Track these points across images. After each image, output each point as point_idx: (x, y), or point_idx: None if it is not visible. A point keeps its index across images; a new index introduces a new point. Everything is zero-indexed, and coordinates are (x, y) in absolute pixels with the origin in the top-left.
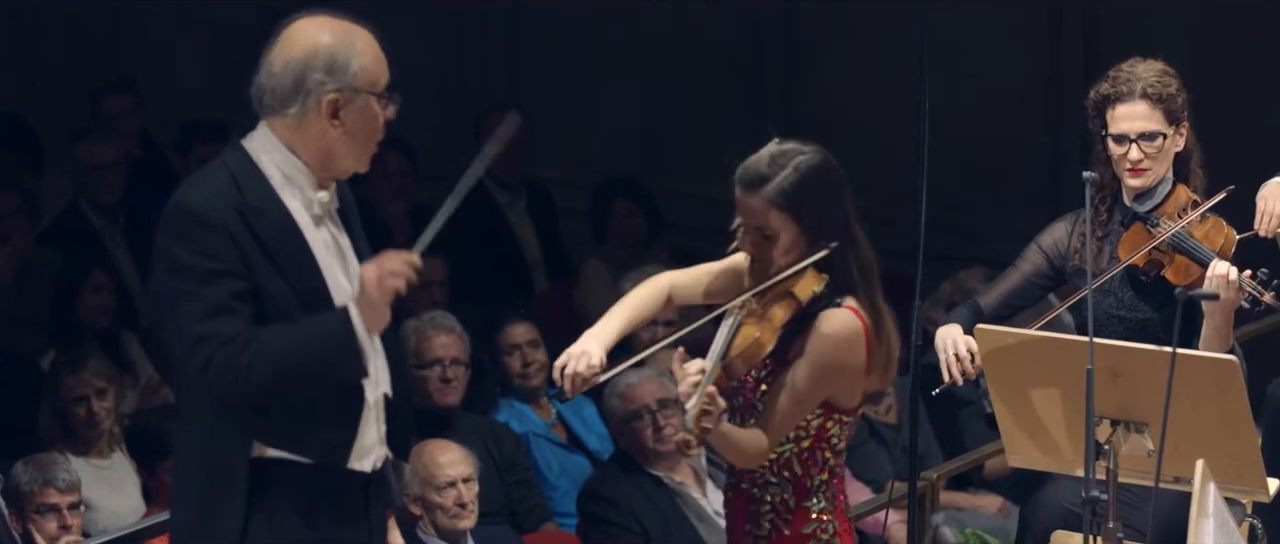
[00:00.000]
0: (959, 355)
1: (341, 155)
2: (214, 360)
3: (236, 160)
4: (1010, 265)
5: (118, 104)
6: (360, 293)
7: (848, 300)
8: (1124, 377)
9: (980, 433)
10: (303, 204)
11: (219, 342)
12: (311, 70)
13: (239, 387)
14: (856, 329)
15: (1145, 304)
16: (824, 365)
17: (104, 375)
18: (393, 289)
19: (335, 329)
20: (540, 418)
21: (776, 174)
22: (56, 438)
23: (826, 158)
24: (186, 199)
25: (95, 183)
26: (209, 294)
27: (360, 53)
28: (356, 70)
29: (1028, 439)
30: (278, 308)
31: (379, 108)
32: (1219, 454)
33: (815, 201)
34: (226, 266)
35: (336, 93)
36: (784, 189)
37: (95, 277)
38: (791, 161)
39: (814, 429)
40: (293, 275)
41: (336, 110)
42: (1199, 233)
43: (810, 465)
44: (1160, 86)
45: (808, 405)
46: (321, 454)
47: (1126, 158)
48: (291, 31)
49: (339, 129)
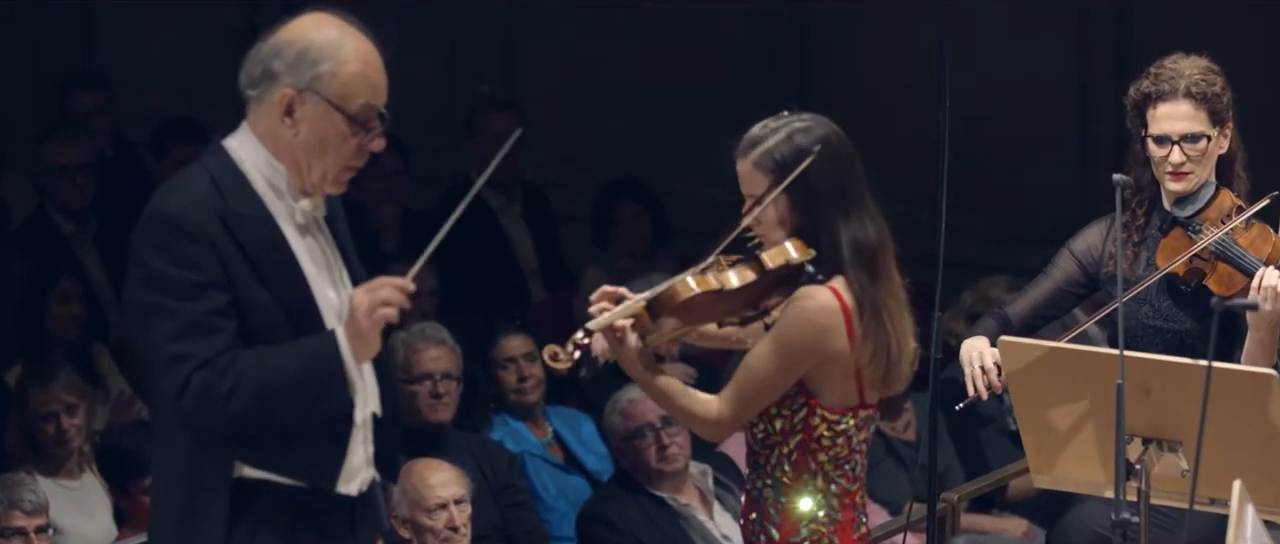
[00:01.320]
0: (984, 368)
1: (306, 164)
2: (190, 384)
3: (217, 163)
4: (1041, 272)
5: (88, 100)
6: (349, 320)
7: (836, 280)
8: (1156, 392)
9: (1004, 451)
10: (286, 212)
11: (196, 364)
12: (279, 59)
13: (216, 414)
14: (829, 308)
15: (1184, 314)
16: (785, 340)
17: (74, 391)
18: (384, 319)
19: (321, 357)
20: (536, 436)
21: (768, 138)
22: (23, 457)
23: (829, 129)
24: (164, 205)
25: (63, 185)
26: (186, 310)
27: (341, 61)
28: (323, 74)
29: (1054, 458)
30: (262, 320)
31: (345, 125)
32: (1257, 474)
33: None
34: (206, 279)
35: (292, 88)
36: (772, 153)
37: (63, 285)
38: (786, 127)
39: (798, 424)
40: (278, 286)
41: (290, 108)
42: (1244, 240)
43: (801, 469)
44: (1205, 85)
45: (771, 383)
46: (306, 476)
47: (1168, 160)
48: (299, 18)
49: (292, 130)
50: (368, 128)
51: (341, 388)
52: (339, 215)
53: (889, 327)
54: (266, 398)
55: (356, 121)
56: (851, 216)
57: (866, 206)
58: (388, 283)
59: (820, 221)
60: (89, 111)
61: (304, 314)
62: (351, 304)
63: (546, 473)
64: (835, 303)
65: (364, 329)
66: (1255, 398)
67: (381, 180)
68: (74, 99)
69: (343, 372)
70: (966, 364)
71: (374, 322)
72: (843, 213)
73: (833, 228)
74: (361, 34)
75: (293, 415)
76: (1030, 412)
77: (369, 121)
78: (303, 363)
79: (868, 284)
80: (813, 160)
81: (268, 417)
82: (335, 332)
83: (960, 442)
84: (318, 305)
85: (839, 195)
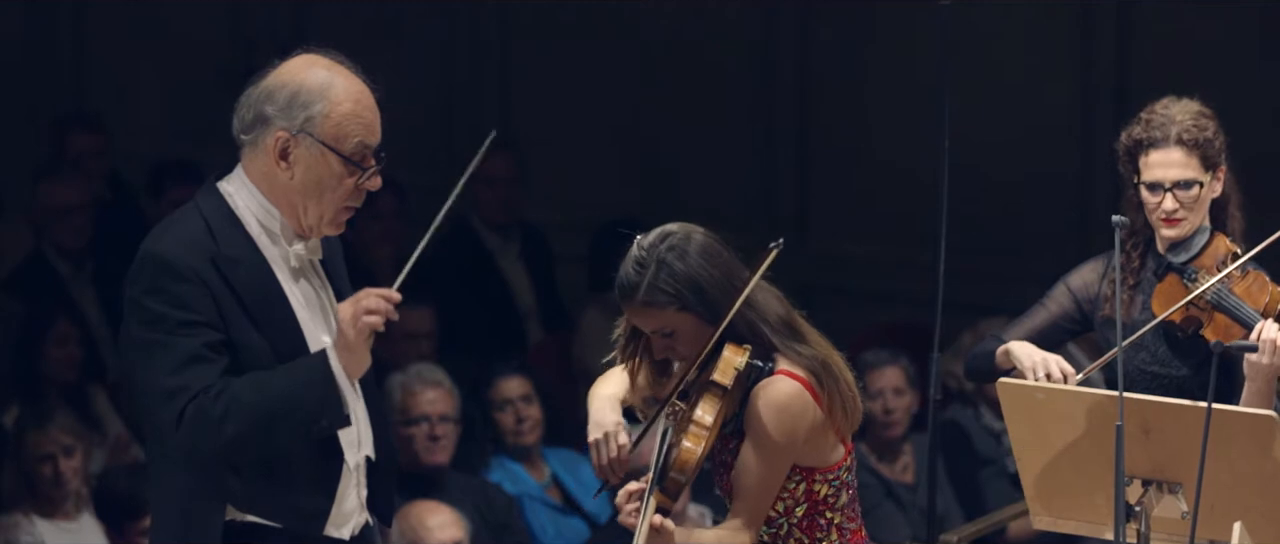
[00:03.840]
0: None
1: (303, 207)
2: (186, 414)
3: (210, 206)
4: (1036, 303)
5: (84, 142)
6: (338, 334)
7: (780, 363)
8: (1156, 433)
9: (1003, 493)
10: (280, 256)
11: (191, 395)
12: (271, 102)
13: (211, 440)
14: (794, 392)
15: (1181, 361)
16: (768, 440)
17: (70, 432)
18: (370, 327)
19: (313, 374)
20: (534, 479)
21: (644, 276)
22: (20, 499)
23: (688, 234)
24: (157, 247)
25: (60, 227)
26: (181, 344)
27: (334, 102)
28: (316, 116)
29: (1053, 500)
30: (254, 364)
31: (340, 166)
32: (1257, 516)
33: (690, 282)
34: (199, 317)
35: (285, 132)
36: (657, 286)
37: (60, 327)
38: (654, 257)
39: (801, 496)
40: (269, 332)
41: (285, 151)
42: (1240, 288)
43: (813, 531)
44: (1196, 131)
45: (774, 481)
46: (297, 521)
47: (1161, 207)
48: (288, 61)
49: (287, 173)
50: (363, 167)
51: (336, 404)
52: (336, 256)
53: (838, 374)
54: (261, 420)
55: (351, 162)
56: (750, 299)
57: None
58: (372, 292)
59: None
60: (85, 153)
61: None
62: (338, 318)
63: (545, 515)
64: (795, 384)
65: (351, 341)
66: (1255, 440)
67: (378, 221)
68: (70, 140)
69: (335, 388)
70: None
71: (360, 330)
72: (745, 301)
73: (747, 319)
74: (352, 73)
75: (289, 436)
76: (1029, 453)
77: (364, 161)
78: (294, 382)
79: (802, 348)
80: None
81: (263, 439)
82: (326, 349)
83: (959, 483)
84: (309, 351)
85: (732, 288)
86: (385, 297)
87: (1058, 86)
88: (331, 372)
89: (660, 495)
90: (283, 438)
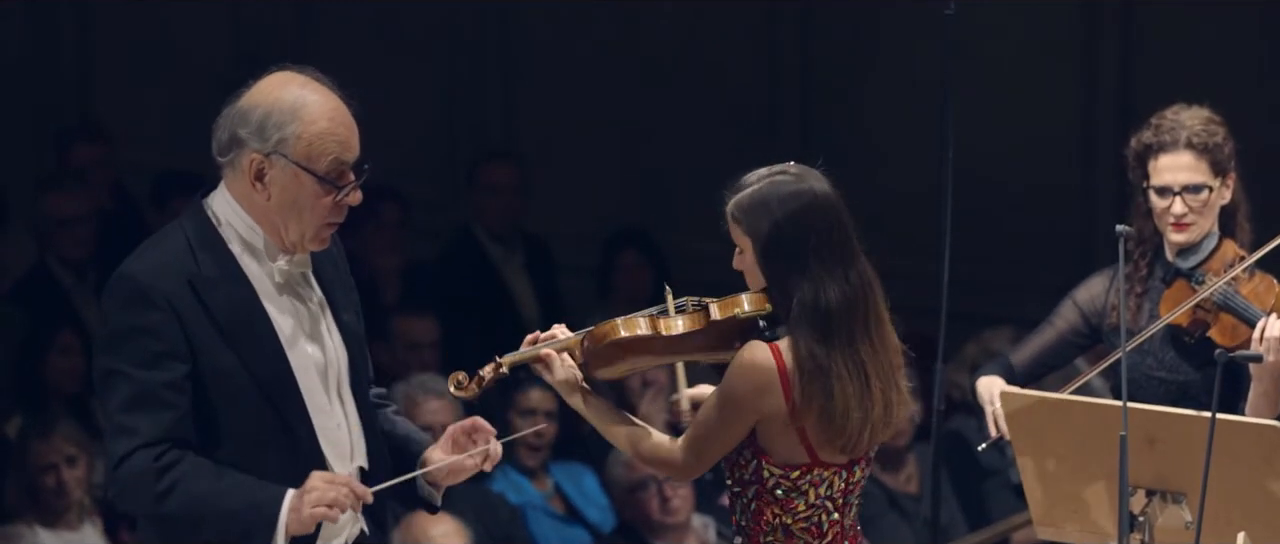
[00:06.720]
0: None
1: (283, 226)
2: (129, 462)
3: (194, 223)
4: (1043, 321)
5: (88, 152)
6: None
7: (782, 339)
8: (1160, 443)
9: (1007, 504)
10: (264, 273)
11: (141, 441)
12: (244, 125)
13: (146, 505)
14: (761, 365)
15: (1187, 366)
16: (725, 391)
17: (74, 442)
18: (324, 518)
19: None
20: (537, 489)
21: (745, 188)
22: (23, 509)
23: (807, 183)
24: (131, 269)
25: (63, 237)
26: (140, 378)
27: (306, 121)
28: (288, 138)
29: (1057, 510)
30: (227, 387)
31: (316, 186)
32: (1262, 526)
33: (767, 222)
34: (165, 348)
35: (258, 154)
36: (741, 203)
37: (63, 337)
38: (765, 179)
39: (751, 476)
40: (247, 352)
41: (260, 174)
42: (1246, 290)
43: (759, 519)
44: (1206, 135)
45: (717, 431)
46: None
47: (1170, 212)
48: (262, 80)
49: (263, 194)
50: (340, 185)
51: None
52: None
53: (837, 392)
54: (196, 515)
55: (326, 181)
56: (814, 276)
57: (840, 268)
58: (350, 486)
59: (779, 277)
60: (89, 164)
61: (275, 381)
62: (308, 484)
63: (548, 525)
64: (771, 362)
65: (304, 515)
66: (1260, 450)
67: (382, 232)
68: (74, 151)
69: (272, 534)
70: (986, 404)
71: (315, 514)
72: (802, 271)
73: (788, 285)
74: (326, 89)
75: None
76: (1033, 463)
77: (340, 178)
78: (241, 505)
79: (816, 347)
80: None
81: (191, 529)
82: (284, 497)
83: (963, 494)
84: (292, 370)
85: (802, 253)
86: (360, 495)
87: (1061, 96)
88: (277, 521)
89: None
90: (208, 537)
